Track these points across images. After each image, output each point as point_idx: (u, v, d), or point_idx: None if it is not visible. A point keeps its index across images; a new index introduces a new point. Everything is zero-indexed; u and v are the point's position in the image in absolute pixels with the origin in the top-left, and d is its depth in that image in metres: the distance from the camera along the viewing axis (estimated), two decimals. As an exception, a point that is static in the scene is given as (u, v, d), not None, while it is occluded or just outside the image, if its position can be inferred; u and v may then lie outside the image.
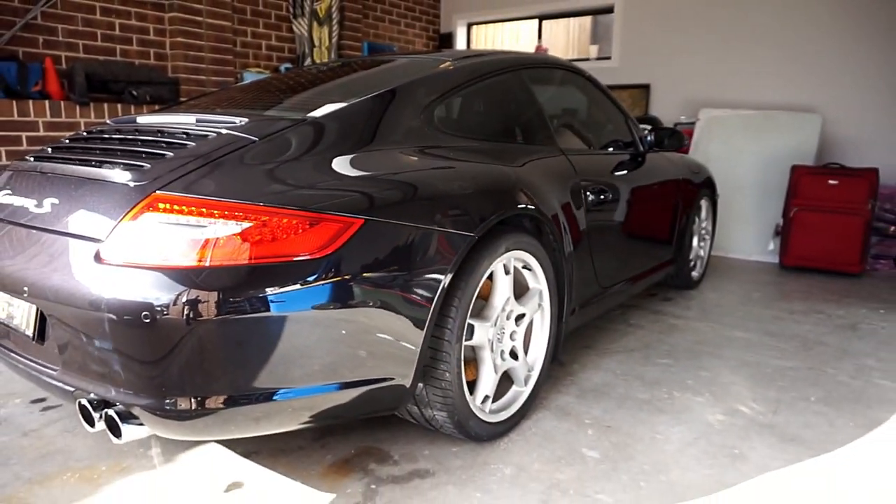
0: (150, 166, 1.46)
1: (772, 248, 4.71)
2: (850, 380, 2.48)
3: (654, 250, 3.13)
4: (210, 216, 1.34)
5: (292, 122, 1.67)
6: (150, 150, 1.54)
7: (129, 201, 1.39)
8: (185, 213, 1.34)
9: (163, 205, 1.35)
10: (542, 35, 6.96)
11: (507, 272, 1.88)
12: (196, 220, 1.34)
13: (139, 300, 1.29)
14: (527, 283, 2.03)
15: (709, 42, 5.52)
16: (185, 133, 1.62)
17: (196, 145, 1.53)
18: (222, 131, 1.60)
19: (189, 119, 1.74)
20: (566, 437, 1.97)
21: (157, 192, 1.38)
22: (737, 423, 2.09)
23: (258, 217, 1.36)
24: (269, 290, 1.35)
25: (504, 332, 1.91)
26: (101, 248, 1.36)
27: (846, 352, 2.80)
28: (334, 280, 1.41)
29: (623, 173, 2.72)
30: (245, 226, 1.34)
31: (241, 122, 1.66)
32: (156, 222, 1.35)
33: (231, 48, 5.03)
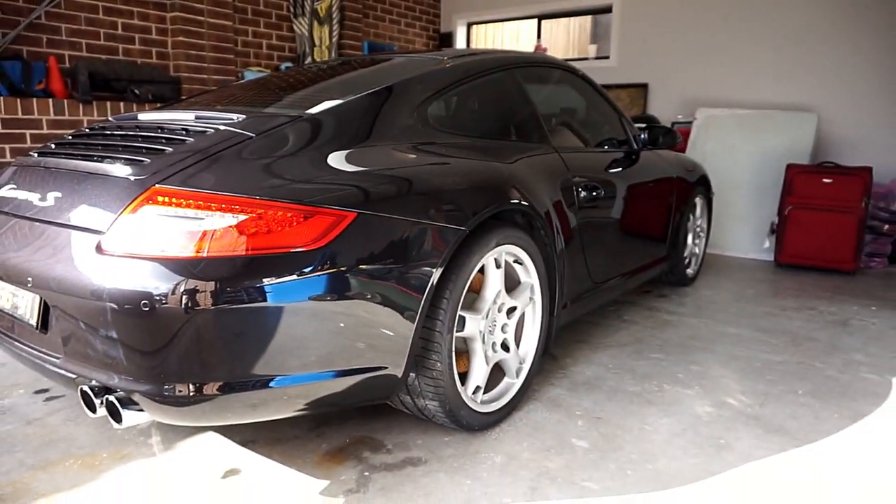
0: (149, 161, 1.51)
1: (767, 246, 4.75)
2: (838, 374, 2.52)
3: (648, 247, 3.17)
4: (207, 209, 1.39)
5: (289, 119, 1.72)
6: (149, 146, 1.59)
7: (129, 194, 1.44)
8: (183, 206, 1.39)
9: (162, 198, 1.40)
10: (541, 35, 7.00)
11: (499, 266, 1.92)
12: (194, 213, 1.39)
13: (139, 290, 1.34)
14: (518, 277, 2.08)
15: (706, 42, 5.56)
16: (184, 129, 1.67)
17: (194, 141, 1.58)
18: (220, 127, 1.65)
19: (188, 116, 1.79)
20: (556, 428, 2.02)
21: (157, 185, 1.43)
22: (724, 415, 2.13)
23: (254, 210, 1.41)
24: (265, 281, 1.39)
25: (496, 324, 1.95)
26: (102, 240, 1.41)
27: (836, 347, 2.85)
28: (328, 271, 1.46)
29: (616, 171, 2.76)
30: (241, 218, 1.39)
31: (239, 118, 1.71)
32: (155, 215, 1.39)
33: (232, 47, 5.08)
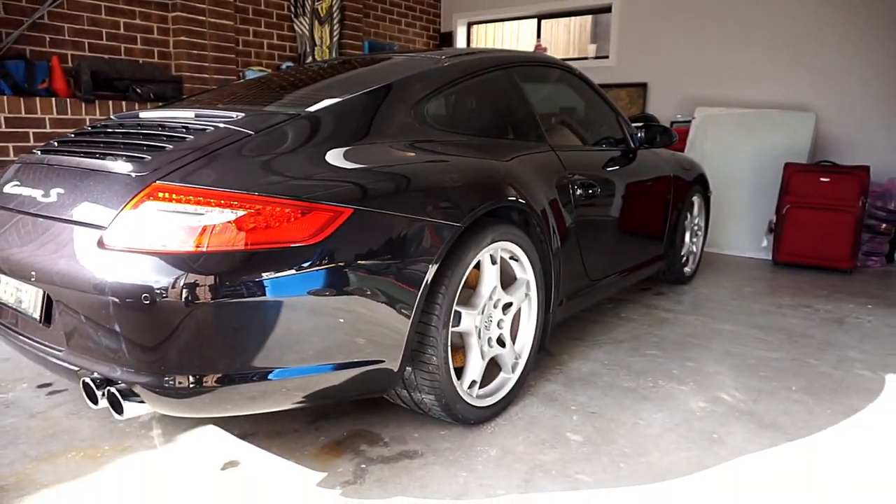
0: (150, 158, 1.54)
1: (765, 244, 4.77)
2: (832, 370, 2.55)
3: (645, 245, 3.19)
4: (207, 204, 1.42)
5: (288, 117, 1.75)
6: (150, 143, 1.63)
7: (130, 191, 1.47)
8: (183, 202, 1.42)
9: (162, 194, 1.43)
10: (541, 34, 7.03)
11: (494, 262, 1.95)
12: (194, 209, 1.42)
13: (140, 283, 1.37)
14: (514, 273, 2.10)
15: (705, 41, 5.58)
16: (184, 127, 1.70)
17: (194, 138, 1.61)
18: (220, 125, 1.68)
19: (189, 114, 1.82)
20: (551, 422, 2.04)
21: (157, 182, 1.46)
22: (718, 410, 2.16)
23: (253, 206, 1.44)
24: (263, 275, 1.42)
25: (491, 320, 1.98)
26: (104, 235, 1.44)
27: (830, 344, 2.87)
28: (325, 266, 1.49)
29: (613, 169, 2.79)
30: (240, 214, 1.42)
31: (239, 116, 1.74)
32: (155, 210, 1.42)
33: (233, 47, 5.11)
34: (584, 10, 6.63)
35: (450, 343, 1.80)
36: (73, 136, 1.92)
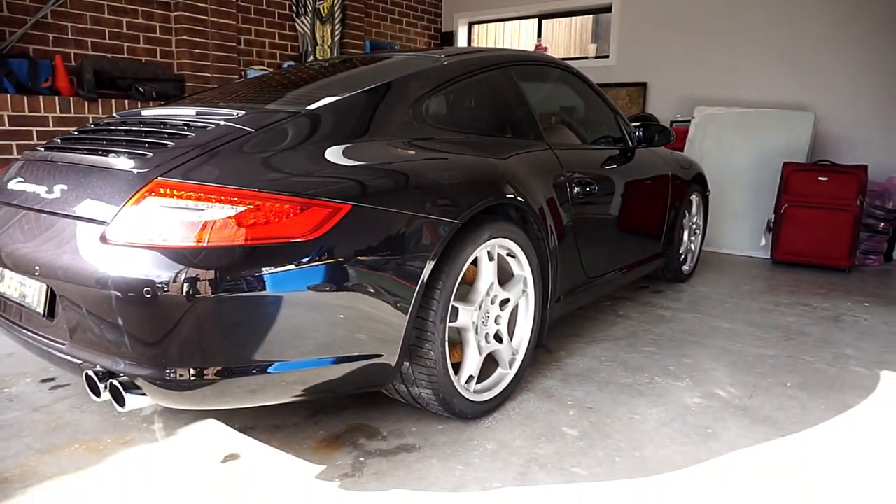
0: (152, 155, 1.56)
1: (764, 243, 4.79)
2: (827, 367, 2.57)
3: (643, 243, 3.21)
4: (207, 200, 1.44)
5: (289, 115, 1.78)
6: (152, 140, 1.65)
7: (132, 187, 1.49)
8: (184, 198, 1.45)
9: (164, 190, 1.46)
10: (541, 34, 7.04)
11: (491, 259, 1.98)
12: (194, 204, 1.44)
13: (142, 278, 1.40)
14: (511, 270, 2.13)
15: (705, 41, 5.60)
16: (186, 124, 1.72)
17: (196, 135, 1.63)
18: (221, 123, 1.70)
19: (190, 112, 1.85)
20: (548, 417, 2.07)
21: (159, 178, 1.48)
22: (713, 406, 2.18)
23: (252, 201, 1.46)
24: (263, 270, 1.45)
25: (489, 315, 2.01)
26: (106, 230, 1.47)
27: (826, 341, 2.89)
28: (324, 261, 1.51)
29: (611, 168, 2.81)
30: (240, 209, 1.44)
31: (239, 114, 1.77)
32: (157, 206, 1.45)
33: (235, 46, 5.14)
34: (584, 10, 6.64)
35: (447, 338, 1.82)
36: (76, 133, 1.95)
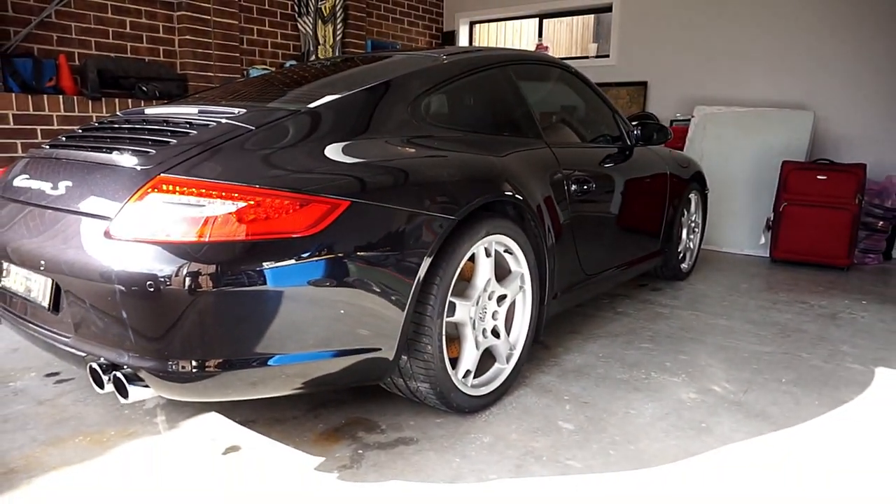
0: (155, 152, 1.60)
1: (763, 242, 4.81)
2: (823, 363, 2.59)
3: (641, 241, 3.24)
4: (209, 196, 1.47)
5: (289, 113, 1.81)
6: (155, 138, 1.69)
7: (135, 183, 1.53)
8: (186, 194, 1.48)
9: (166, 186, 1.49)
10: (542, 33, 7.07)
11: (489, 255, 2.00)
12: (196, 200, 1.47)
13: (145, 272, 1.43)
14: (509, 266, 2.16)
15: (705, 41, 5.62)
16: (188, 122, 1.76)
17: (198, 133, 1.67)
18: (222, 121, 1.74)
19: (192, 110, 1.88)
20: (544, 412, 2.10)
21: (162, 174, 1.52)
22: (708, 401, 2.21)
23: (253, 198, 1.49)
24: (263, 265, 1.48)
25: (486, 311, 2.03)
26: (110, 226, 1.50)
27: (823, 338, 2.91)
28: (323, 256, 1.55)
29: (608, 166, 2.83)
30: (241, 205, 1.48)
31: (240, 112, 1.80)
32: (160, 202, 1.48)
33: (238, 46, 5.17)
34: (584, 10, 6.67)
35: (444, 333, 1.85)
36: (80, 131, 1.98)
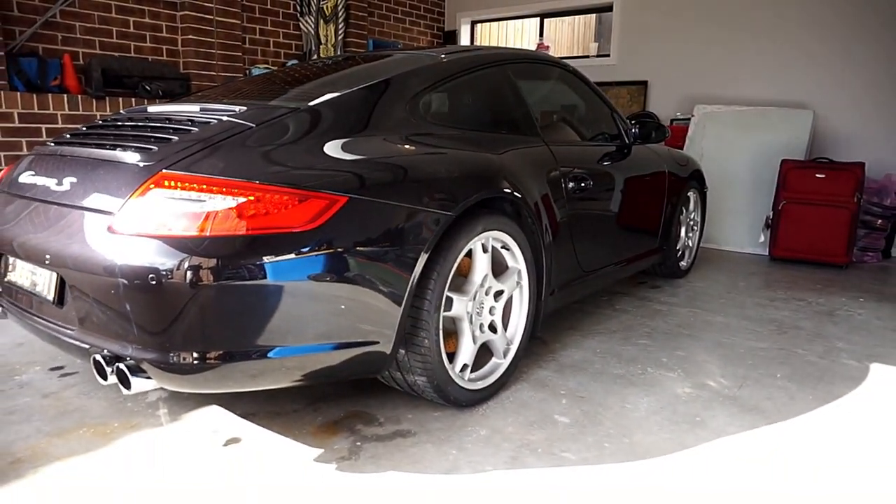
0: (157, 149, 1.63)
1: (762, 240, 4.83)
2: (818, 359, 2.62)
3: (639, 239, 3.26)
4: (210, 192, 1.51)
5: (289, 110, 1.84)
6: (157, 135, 1.72)
7: (138, 179, 1.56)
8: (187, 189, 1.51)
9: (168, 182, 1.53)
10: (543, 33, 7.09)
11: (486, 251, 2.03)
12: (197, 196, 1.51)
13: (147, 266, 1.46)
14: (506, 262, 2.19)
15: (705, 40, 5.64)
16: (189, 120, 1.79)
17: (199, 130, 1.70)
18: (223, 118, 1.77)
19: (194, 108, 1.92)
20: (540, 405, 2.12)
21: (164, 170, 1.55)
22: (702, 396, 2.23)
23: (253, 193, 1.52)
24: (263, 259, 1.51)
25: (483, 306, 2.06)
26: (113, 221, 1.54)
27: (819, 335, 2.93)
28: (321, 251, 1.58)
29: (606, 164, 2.86)
30: (241, 201, 1.51)
31: (241, 110, 1.83)
32: (162, 197, 1.52)
33: (240, 45, 5.21)
34: (585, 10, 6.69)
35: (442, 327, 1.88)
36: (84, 129, 2.02)
